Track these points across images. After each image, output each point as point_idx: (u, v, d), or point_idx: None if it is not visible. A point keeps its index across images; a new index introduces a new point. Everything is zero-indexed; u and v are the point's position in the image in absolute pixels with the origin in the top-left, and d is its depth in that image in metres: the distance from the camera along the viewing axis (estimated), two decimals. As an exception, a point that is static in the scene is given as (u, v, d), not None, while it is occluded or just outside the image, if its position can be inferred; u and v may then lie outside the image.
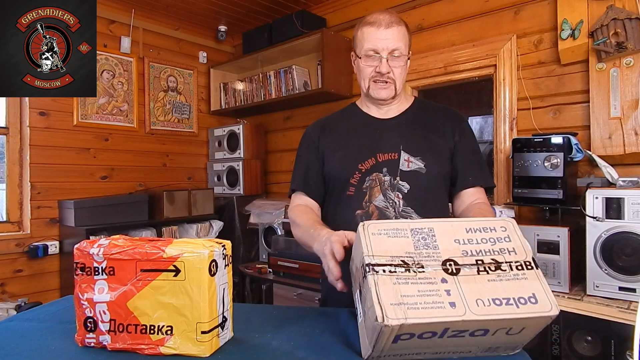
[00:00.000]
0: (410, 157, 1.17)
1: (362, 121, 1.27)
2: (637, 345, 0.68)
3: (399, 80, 1.20)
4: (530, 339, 0.71)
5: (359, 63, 1.22)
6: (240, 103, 3.68)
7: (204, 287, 0.74)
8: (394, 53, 1.17)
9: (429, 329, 0.64)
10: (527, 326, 0.67)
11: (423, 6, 2.74)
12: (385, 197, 1.15)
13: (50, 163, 2.90)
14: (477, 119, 2.81)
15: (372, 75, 1.19)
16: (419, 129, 1.23)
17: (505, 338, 0.69)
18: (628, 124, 1.90)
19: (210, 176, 3.75)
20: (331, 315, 0.97)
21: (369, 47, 1.17)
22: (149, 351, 0.76)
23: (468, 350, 0.72)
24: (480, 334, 0.67)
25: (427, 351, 0.71)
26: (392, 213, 1.14)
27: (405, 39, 1.19)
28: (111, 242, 0.79)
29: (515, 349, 0.74)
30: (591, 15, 1.96)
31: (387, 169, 1.17)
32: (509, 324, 0.66)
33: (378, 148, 1.19)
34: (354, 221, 1.14)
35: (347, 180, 1.19)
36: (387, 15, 1.17)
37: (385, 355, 0.70)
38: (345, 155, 1.21)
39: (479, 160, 1.26)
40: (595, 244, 1.72)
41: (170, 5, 3.24)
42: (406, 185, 1.15)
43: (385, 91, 1.20)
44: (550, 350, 1.77)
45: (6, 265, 2.70)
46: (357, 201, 1.17)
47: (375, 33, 1.15)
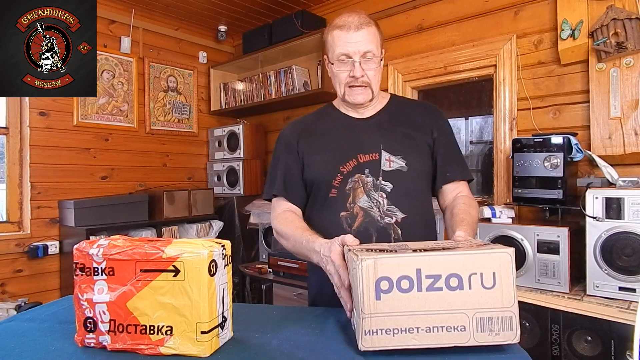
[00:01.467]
0: (391, 157, 1.18)
1: (340, 122, 1.27)
2: (637, 345, 0.68)
3: (374, 82, 1.19)
4: (512, 303, 0.72)
5: (332, 68, 1.21)
6: (240, 103, 3.68)
7: (204, 287, 0.74)
8: (367, 56, 1.15)
9: (403, 271, 0.72)
10: (495, 270, 0.72)
11: (423, 6, 2.74)
12: (369, 198, 1.15)
13: (50, 163, 2.90)
14: (477, 119, 2.81)
15: (347, 81, 1.18)
16: (397, 126, 1.24)
17: (487, 296, 0.72)
18: (628, 124, 1.90)
19: (210, 176, 3.75)
20: (331, 315, 0.97)
21: (340, 51, 1.15)
22: (148, 351, 0.76)
23: (462, 326, 0.72)
24: (456, 285, 0.72)
25: (418, 325, 0.72)
26: (376, 213, 1.14)
27: (376, 40, 1.17)
28: (111, 243, 0.79)
29: (511, 327, 0.73)
30: (591, 15, 1.96)
31: (369, 169, 1.17)
32: (473, 262, 0.72)
33: (358, 149, 1.19)
34: (339, 223, 1.15)
35: (329, 182, 1.18)
36: (357, 17, 1.15)
37: (377, 330, 0.72)
38: (326, 158, 1.21)
39: (458, 154, 1.28)
40: (595, 244, 1.72)
41: (170, 5, 3.24)
42: (389, 185, 1.16)
43: (362, 96, 1.19)
44: (550, 350, 1.77)
45: (6, 265, 2.70)
46: (340, 203, 1.17)
47: (345, 37, 1.13)
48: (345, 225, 1.15)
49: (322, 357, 0.75)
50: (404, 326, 0.72)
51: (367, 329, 0.72)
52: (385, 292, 0.72)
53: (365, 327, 0.72)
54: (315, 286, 1.27)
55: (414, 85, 2.82)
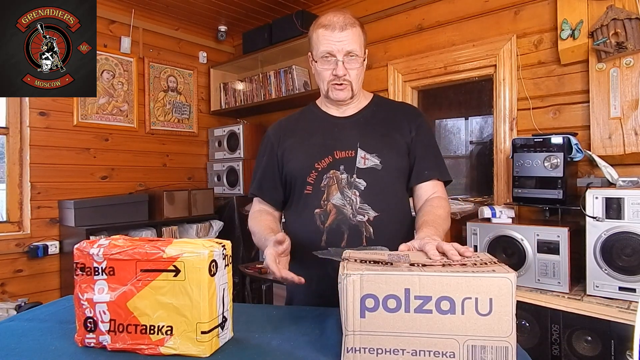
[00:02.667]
0: (366, 154, 1.19)
1: (320, 120, 1.29)
2: (637, 345, 0.68)
3: (356, 81, 1.22)
4: (509, 333, 0.66)
5: (315, 66, 1.23)
6: (240, 103, 3.68)
7: (204, 287, 0.74)
8: (350, 55, 1.17)
9: (390, 290, 0.68)
10: (492, 295, 0.66)
11: (423, 6, 2.74)
12: (343, 195, 1.16)
13: (50, 163, 2.90)
14: (477, 118, 2.81)
15: (330, 79, 1.20)
16: (376, 125, 1.25)
17: (481, 323, 0.67)
18: (628, 124, 1.90)
19: (210, 176, 3.75)
20: (331, 315, 0.97)
21: (324, 50, 1.17)
22: (148, 351, 0.76)
23: (451, 352, 0.68)
24: (447, 308, 0.67)
25: (404, 347, 0.68)
26: (349, 210, 1.15)
27: (360, 40, 1.19)
28: (111, 242, 0.79)
29: (506, 359, 0.68)
30: (591, 15, 1.96)
31: (344, 166, 1.18)
32: (468, 286, 0.67)
33: (335, 146, 1.20)
34: (313, 220, 1.17)
35: (304, 179, 1.20)
36: (342, 17, 1.17)
37: (360, 348, 0.69)
38: (302, 155, 1.23)
39: (435, 154, 1.27)
40: (595, 244, 1.72)
41: (170, 5, 3.24)
42: (363, 183, 1.16)
43: (343, 93, 1.21)
44: (550, 350, 1.77)
45: (6, 265, 2.70)
46: (315, 200, 1.18)
47: (330, 36, 1.16)
48: (319, 223, 1.16)
49: (322, 357, 0.75)
50: (388, 347, 0.68)
51: (349, 347, 0.69)
52: (370, 310, 0.68)
53: (348, 344, 0.69)
54: (290, 286, 1.29)
55: (414, 85, 2.82)
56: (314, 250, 1.09)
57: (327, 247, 1.15)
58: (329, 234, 1.15)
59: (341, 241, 1.15)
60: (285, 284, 1.09)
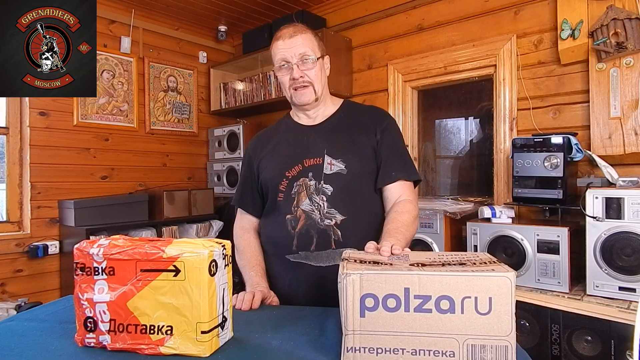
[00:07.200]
0: (332, 160, 1.23)
1: (291, 130, 1.35)
2: (637, 345, 0.68)
3: (317, 81, 1.26)
4: (508, 332, 0.67)
5: (278, 77, 1.29)
6: (240, 103, 3.68)
7: (204, 287, 0.74)
8: (303, 58, 1.23)
9: (390, 289, 0.68)
10: (492, 294, 0.66)
11: (423, 6, 2.74)
12: (311, 201, 1.21)
13: (50, 163, 2.90)
14: (477, 118, 2.81)
15: (290, 84, 1.26)
16: (343, 131, 1.29)
17: (480, 322, 0.67)
18: (628, 124, 1.90)
19: (210, 176, 3.75)
20: (331, 315, 0.97)
21: (280, 58, 1.24)
22: (149, 351, 0.76)
23: (451, 351, 0.68)
24: (447, 307, 0.67)
25: (404, 347, 0.68)
26: (317, 215, 1.20)
27: (311, 44, 1.24)
28: (111, 242, 0.79)
29: (506, 358, 0.68)
30: (591, 15, 1.96)
31: (313, 173, 1.22)
32: (467, 285, 0.67)
33: (305, 154, 1.25)
34: (284, 225, 1.22)
35: (276, 187, 1.25)
36: (292, 28, 1.25)
37: (360, 348, 0.69)
38: (274, 165, 1.29)
39: (402, 155, 1.28)
40: (595, 244, 1.72)
41: (170, 5, 3.24)
42: (330, 188, 1.20)
43: (305, 95, 1.26)
44: (550, 350, 1.77)
45: (6, 265, 2.70)
46: (286, 206, 1.23)
47: (282, 45, 1.23)
48: (290, 228, 1.21)
49: (322, 357, 0.75)
50: (388, 346, 0.69)
51: (349, 346, 0.69)
52: (370, 309, 0.69)
53: (348, 344, 0.69)
54: (285, 284, 1.30)
55: (414, 85, 2.82)
56: (286, 254, 1.21)
57: (298, 251, 1.20)
58: (299, 238, 1.20)
59: (310, 245, 1.19)
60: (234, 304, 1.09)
